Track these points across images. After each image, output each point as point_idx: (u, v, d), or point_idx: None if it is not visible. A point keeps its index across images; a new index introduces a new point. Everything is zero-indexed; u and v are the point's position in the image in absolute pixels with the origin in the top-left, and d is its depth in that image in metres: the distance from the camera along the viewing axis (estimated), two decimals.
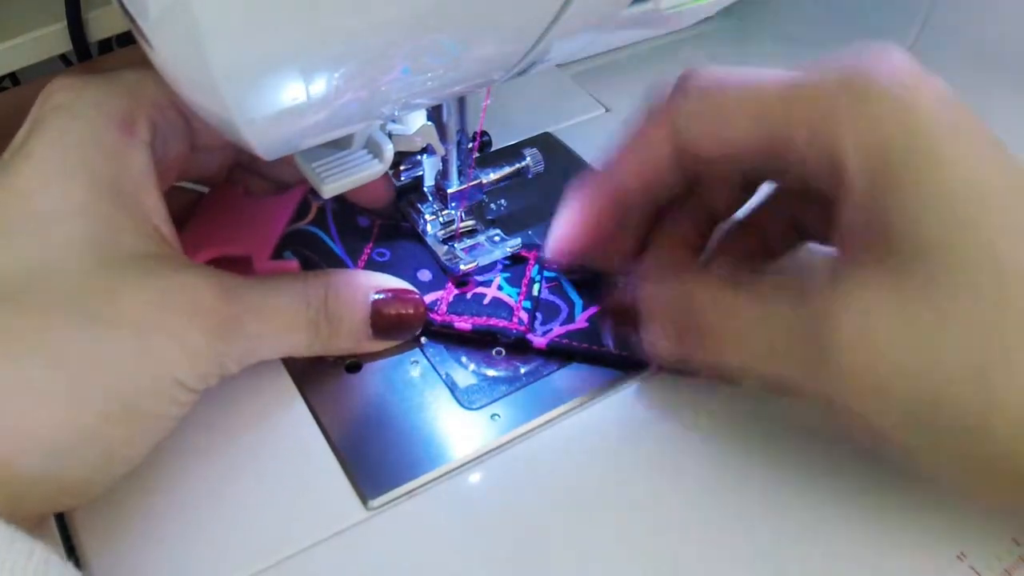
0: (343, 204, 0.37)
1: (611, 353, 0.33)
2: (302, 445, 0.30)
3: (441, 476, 0.30)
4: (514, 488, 0.30)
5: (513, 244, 0.36)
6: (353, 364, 0.33)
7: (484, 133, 0.36)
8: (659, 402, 0.32)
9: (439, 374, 0.33)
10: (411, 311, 0.33)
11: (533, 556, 0.28)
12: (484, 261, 0.36)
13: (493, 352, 0.34)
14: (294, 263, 0.35)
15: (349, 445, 0.30)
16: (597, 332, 0.34)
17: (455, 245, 0.36)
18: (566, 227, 0.33)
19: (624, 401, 0.32)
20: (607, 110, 0.47)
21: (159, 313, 0.26)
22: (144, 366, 0.25)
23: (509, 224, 0.38)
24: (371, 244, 0.37)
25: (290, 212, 0.36)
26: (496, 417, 0.31)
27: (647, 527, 0.29)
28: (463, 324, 0.34)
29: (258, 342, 0.29)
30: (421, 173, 0.36)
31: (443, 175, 0.35)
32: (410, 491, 0.29)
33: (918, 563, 0.28)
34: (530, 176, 0.37)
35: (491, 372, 0.33)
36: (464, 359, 0.34)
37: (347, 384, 0.32)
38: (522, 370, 0.33)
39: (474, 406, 0.32)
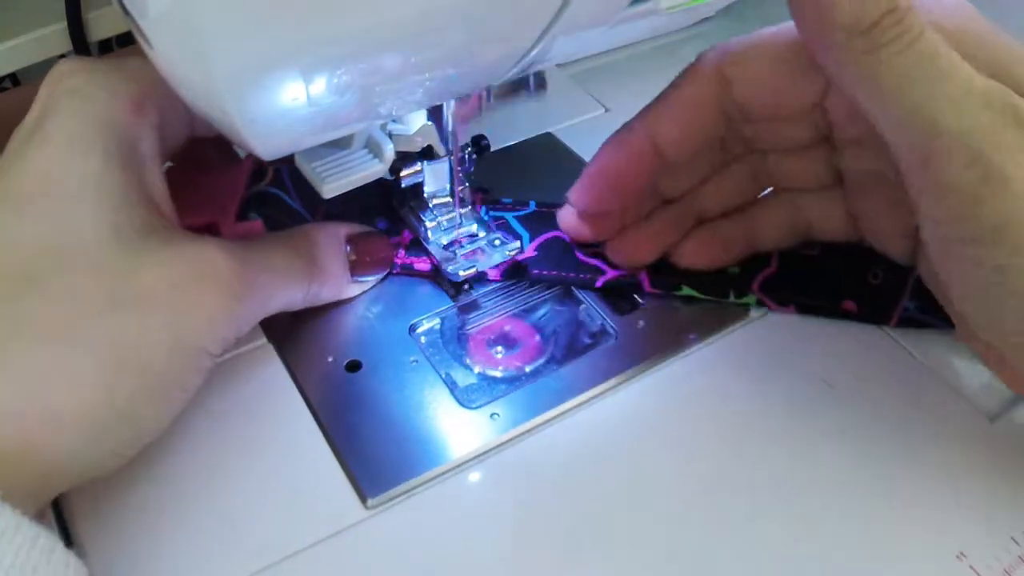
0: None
1: (561, 275, 0.36)
2: (302, 444, 0.30)
3: (440, 475, 0.30)
4: (513, 487, 0.30)
5: (513, 248, 0.36)
6: (353, 364, 0.33)
7: (482, 137, 0.36)
8: (658, 401, 0.32)
9: (439, 373, 0.33)
10: (382, 252, 0.36)
11: (533, 555, 0.28)
12: (483, 267, 0.36)
13: (493, 352, 0.34)
14: (258, 223, 0.36)
15: (348, 444, 0.30)
16: (544, 258, 0.36)
17: (456, 250, 0.36)
18: (598, 172, 0.34)
19: (623, 400, 0.32)
20: (607, 110, 0.47)
21: (181, 284, 0.27)
22: (172, 340, 0.27)
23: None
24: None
25: (246, 176, 0.37)
26: (496, 416, 0.31)
27: (646, 526, 0.29)
28: (422, 264, 0.36)
29: (267, 300, 0.31)
30: (421, 180, 0.36)
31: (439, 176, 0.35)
32: (409, 490, 0.29)
33: (918, 562, 0.28)
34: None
35: (491, 372, 0.33)
36: (465, 359, 0.34)
37: (347, 383, 0.32)
38: (527, 368, 0.33)
39: (473, 405, 0.32)
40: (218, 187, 0.36)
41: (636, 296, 0.36)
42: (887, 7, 0.25)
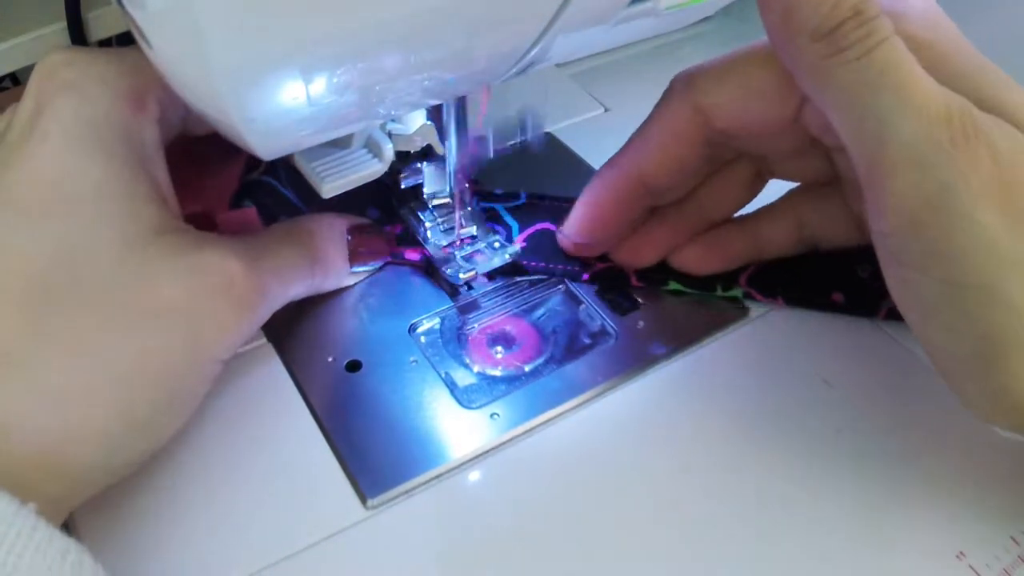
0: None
1: (548, 266, 0.36)
2: (302, 444, 0.30)
3: (440, 475, 0.30)
4: (513, 487, 0.30)
5: (513, 251, 0.36)
6: (353, 364, 0.33)
7: (482, 137, 0.36)
8: (658, 401, 0.32)
9: (438, 373, 0.33)
10: (381, 243, 0.36)
11: (532, 555, 0.28)
12: (483, 269, 0.36)
13: (493, 351, 0.34)
14: (252, 211, 0.36)
15: (348, 444, 0.30)
16: (532, 249, 0.37)
17: (455, 251, 0.36)
18: (588, 208, 0.35)
19: (623, 400, 0.32)
20: (607, 110, 0.47)
21: (195, 295, 0.27)
22: (187, 351, 0.27)
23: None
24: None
25: (241, 165, 0.37)
26: (495, 416, 0.31)
27: (646, 526, 0.29)
28: (413, 255, 0.37)
29: (275, 301, 0.31)
30: (421, 181, 0.36)
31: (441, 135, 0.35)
32: (409, 490, 0.29)
33: (918, 563, 0.28)
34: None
35: (491, 372, 0.33)
36: (464, 358, 0.34)
37: (347, 383, 0.32)
38: (526, 368, 0.33)
39: (473, 405, 0.32)
40: (213, 175, 0.36)
41: (636, 298, 0.36)
42: (850, 12, 0.25)
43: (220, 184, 0.36)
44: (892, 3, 0.27)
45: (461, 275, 0.35)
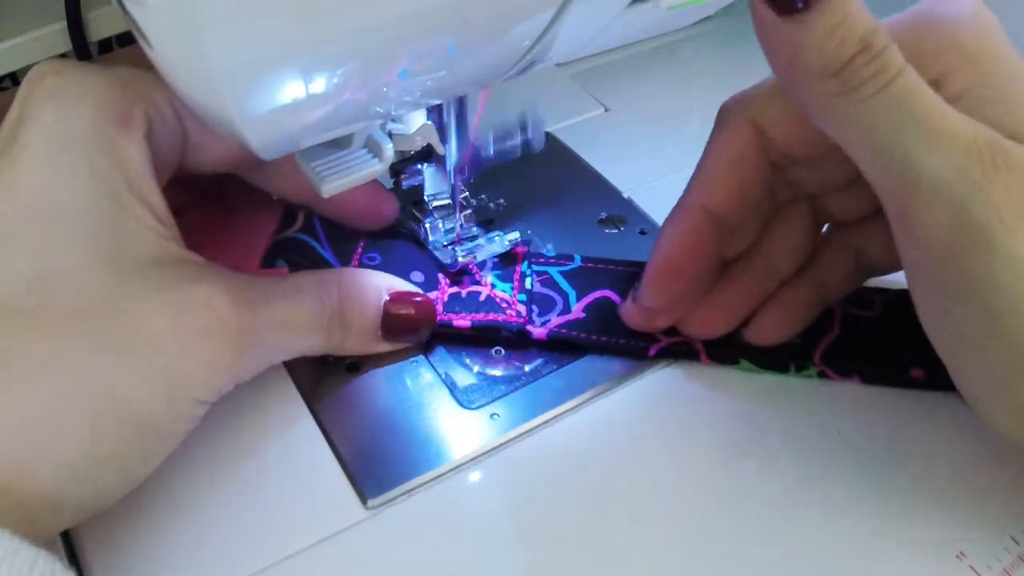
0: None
1: (611, 341, 0.33)
2: (302, 445, 0.30)
3: (440, 476, 0.30)
4: (513, 488, 0.30)
5: (512, 238, 0.36)
6: (353, 364, 0.33)
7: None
8: (658, 401, 0.32)
9: (438, 374, 0.33)
10: (422, 314, 0.32)
11: (532, 555, 0.28)
12: (481, 256, 0.36)
13: (493, 351, 0.34)
14: (284, 271, 0.34)
15: (349, 445, 0.30)
16: (594, 321, 0.34)
17: (456, 248, 0.36)
18: (662, 259, 0.32)
19: (623, 400, 0.32)
20: (607, 110, 0.47)
21: (178, 333, 0.25)
22: (164, 389, 0.25)
23: (507, 222, 0.38)
24: (360, 248, 0.36)
25: (275, 222, 0.36)
26: (495, 417, 0.31)
27: (646, 526, 0.29)
28: (462, 322, 0.34)
29: (273, 351, 0.29)
30: (422, 181, 0.36)
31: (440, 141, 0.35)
32: (409, 491, 0.29)
33: (918, 562, 0.28)
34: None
35: (491, 372, 0.33)
36: (464, 359, 0.34)
37: (347, 384, 0.32)
38: (526, 368, 0.33)
39: (473, 406, 0.32)
40: (244, 229, 0.35)
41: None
42: (858, 47, 0.23)
43: (250, 240, 0.35)
44: (943, 7, 0.27)
45: (459, 258, 0.35)
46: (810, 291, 0.33)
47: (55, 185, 0.25)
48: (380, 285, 0.32)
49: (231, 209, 0.36)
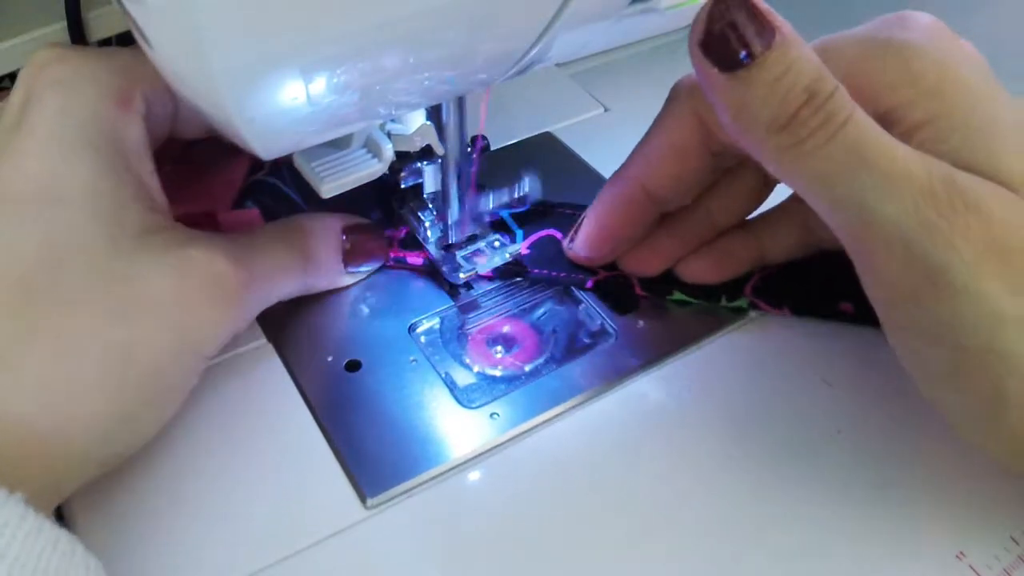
0: None
1: (552, 274, 0.36)
2: (301, 444, 0.30)
3: (440, 475, 0.30)
4: (513, 487, 0.30)
5: (513, 250, 0.36)
6: (353, 363, 0.33)
7: (483, 138, 0.36)
8: (658, 401, 0.32)
9: (438, 373, 0.33)
10: (377, 244, 0.36)
11: (532, 555, 0.28)
12: (483, 269, 0.36)
13: (493, 351, 0.34)
14: (255, 211, 0.36)
15: (348, 444, 0.30)
16: (537, 256, 0.37)
17: (456, 252, 0.36)
18: (595, 224, 0.34)
19: (622, 399, 0.32)
20: (607, 110, 0.47)
21: (181, 290, 0.27)
22: (175, 346, 0.27)
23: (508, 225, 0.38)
24: None
25: (245, 165, 0.37)
26: (495, 416, 0.31)
27: (646, 526, 0.29)
28: (415, 259, 0.37)
29: (264, 298, 0.32)
30: (421, 181, 0.36)
31: (442, 171, 0.35)
32: (409, 490, 0.29)
33: (918, 563, 0.28)
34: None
35: (491, 372, 0.33)
36: (464, 359, 0.34)
37: (347, 383, 0.32)
38: (526, 367, 0.33)
39: (473, 405, 0.32)
40: (216, 175, 0.37)
41: (636, 298, 0.36)
42: (804, 97, 0.23)
43: (223, 184, 0.36)
44: (902, 31, 0.26)
45: (461, 275, 0.35)
46: (749, 245, 0.35)
47: (60, 167, 0.26)
48: (336, 223, 0.35)
49: (201, 157, 0.37)
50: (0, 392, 0.24)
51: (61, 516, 0.28)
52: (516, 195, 0.38)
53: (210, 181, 0.36)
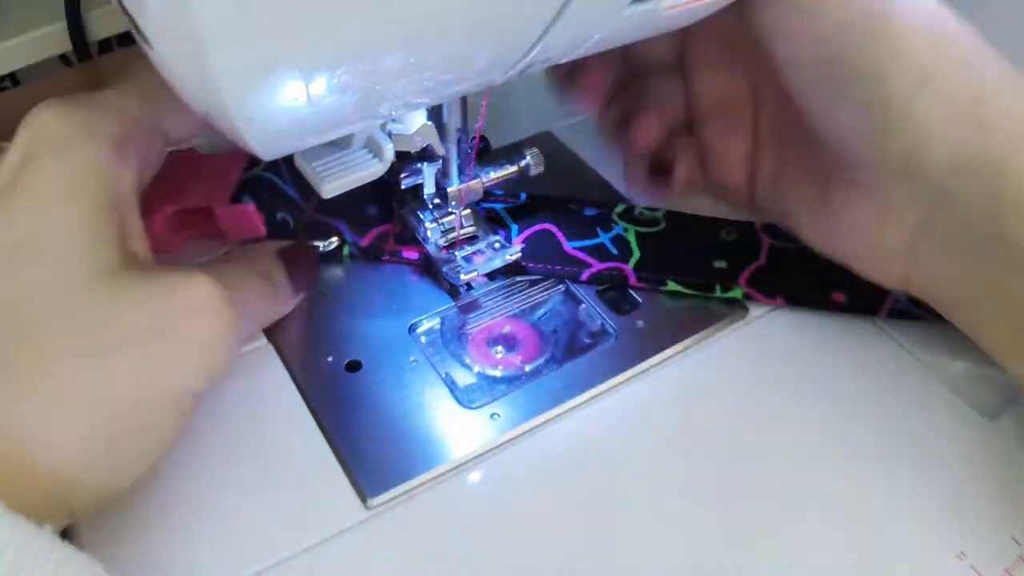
0: None
1: (547, 267, 0.36)
2: (302, 445, 0.30)
3: (441, 475, 0.30)
4: (514, 487, 0.30)
5: (513, 252, 0.36)
6: (353, 364, 0.33)
7: (483, 138, 0.36)
8: (658, 401, 0.32)
9: (439, 373, 0.33)
10: (309, 264, 0.35)
11: (532, 555, 0.28)
12: (484, 270, 0.36)
13: (493, 351, 0.34)
14: (251, 206, 0.36)
15: (349, 444, 0.30)
16: (533, 252, 0.37)
17: (456, 252, 0.36)
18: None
19: (623, 400, 0.32)
20: None
21: (163, 325, 0.26)
22: (154, 383, 0.26)
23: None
24: None
25: (241, 160, 0.37)
26: (496, 416, 0.31)
27: (646, 525, 0.29)
28: (410, 254, 0.37)
29: (248, 329, 0.32)
30: (421, 181, 0.36)
31: (443, 173, 0.35)
32: (409, 490, 0.29)
33: (918, 562, 0.28)
34: (531, 175, 0.38)
35: (491, 372, 0.33)
36: (464, 359, 0.34)
37: (347, 383, 0.32)
38: (526, 368, 0.33)
39: (473, 405, 0.32)
40: (214, 170, 0.37)
41: (636, 298, 0.36)
42: None
43: (220, 178, 0.36)
44: (900, 12, 0.28)
45: (462, 276, 0.35)
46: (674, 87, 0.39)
47: (50, 213, 0.26)
48: (271, 248, 0.34)
49: (200, 154, 0.37)
50: None
51: None
52: (518, 166, 0.37)
53: (206, 175, 0.36)
